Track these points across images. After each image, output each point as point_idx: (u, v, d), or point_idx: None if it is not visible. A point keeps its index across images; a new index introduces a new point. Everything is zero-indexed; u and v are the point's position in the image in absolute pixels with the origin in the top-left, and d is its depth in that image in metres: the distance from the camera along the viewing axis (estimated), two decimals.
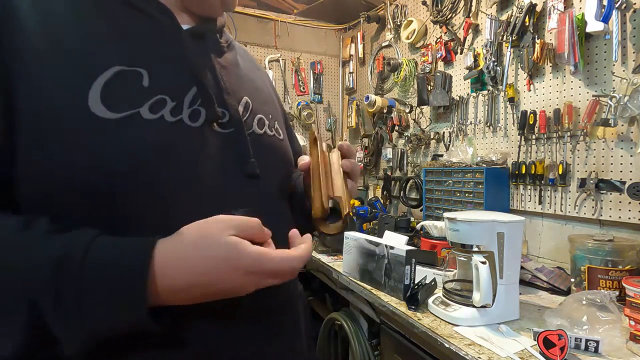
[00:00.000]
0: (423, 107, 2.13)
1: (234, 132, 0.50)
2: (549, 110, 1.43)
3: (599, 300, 0.87)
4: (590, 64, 1.31)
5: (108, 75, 0.40)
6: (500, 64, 1.64)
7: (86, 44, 0.41)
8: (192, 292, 0.38)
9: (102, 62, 0.41)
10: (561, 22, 1.33)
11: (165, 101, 0.44)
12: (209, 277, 0.37)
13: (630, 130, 1.20)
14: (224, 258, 0.37)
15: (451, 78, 1.94)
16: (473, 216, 0.97)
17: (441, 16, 1.95)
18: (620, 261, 1.03)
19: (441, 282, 1.09)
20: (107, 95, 0.40)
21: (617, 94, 1.20)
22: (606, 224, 1.28)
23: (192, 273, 0.37)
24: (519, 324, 0.93)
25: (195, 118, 0.46)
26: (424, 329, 0.92)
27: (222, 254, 0.37)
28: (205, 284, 0.38)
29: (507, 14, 1.61)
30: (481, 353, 0.79)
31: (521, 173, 1.53)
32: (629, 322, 0.81)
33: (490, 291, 0.90)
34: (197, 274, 0.37)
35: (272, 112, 0.61)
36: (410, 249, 1.13)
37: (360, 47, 2.77)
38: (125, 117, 0.40)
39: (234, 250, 0.37)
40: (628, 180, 1.20)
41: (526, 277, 1.24)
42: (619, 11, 1.19)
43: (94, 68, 0.40)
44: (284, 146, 0.61)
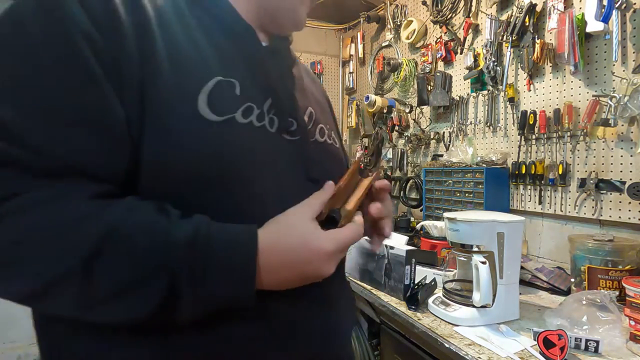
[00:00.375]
0: (423, 107, 2.13)
1: (300, 139, 0.56)
2: (549, 110, 1.43)
3: (599, 300, 0.87)
4: (590, 64, 1.31)
5: (212, 84, 0.47)
6: (500, 64, 1.64)
7: (195, 56, 0.48)
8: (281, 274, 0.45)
9: (208, 72, 0.48)
10: (561, 22, 1.33)
11: (253, 108, 0.50)
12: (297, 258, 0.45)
13: (630, 130, 1.20)
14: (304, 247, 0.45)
15: (451, 78, 1.94)
16: (473, 216, 0.97)
17: (441, 16, 1.95)
18: (620, 261, 1.03)
19: (441, 282, 1.09)
20: (211, 100, 0.46)
21: (617, 94, 1.20)
22: (606, 224, 1.28)
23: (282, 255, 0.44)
24: (519, 324, 0.93)
25: (272, 125, 0.52)
26: (424, 329, 0.92)
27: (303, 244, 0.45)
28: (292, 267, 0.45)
29: (507, 14, 1.61)
30: (481, 353, 0.79)
31: (521, 173, 1.53)
32: (629, 322, 0.81)
33: (490, 291, 0.90)
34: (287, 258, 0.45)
35: (329, 122, 0.67)
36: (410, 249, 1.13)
37: (360, 47, 2.77)
38: (225, 120, 0.47)
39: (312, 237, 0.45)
40: (628, 180, 1.20)
41: (526, 277, 1.24)
42: (619, 11, 1.19)
43: (202, 77, 0.47)
44: (339, 153, 0.67)
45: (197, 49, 0.49)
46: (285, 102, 0.55)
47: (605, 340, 0.80)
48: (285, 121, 0.54)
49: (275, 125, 0.53)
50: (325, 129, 0.63)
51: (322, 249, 0.45)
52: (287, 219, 0.47)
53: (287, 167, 0.53)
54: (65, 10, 0.41)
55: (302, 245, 0.45)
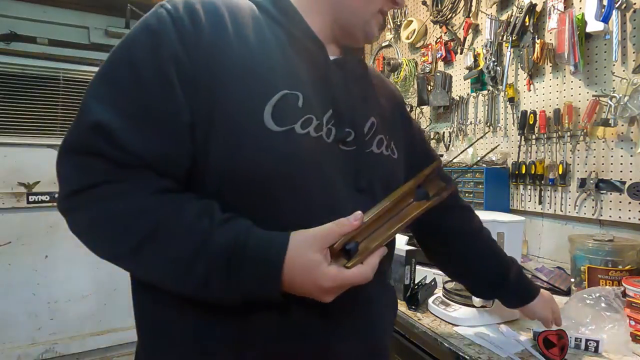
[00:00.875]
0: (423, 107, 2.13)
1: (355, 149, 0.58)
2: (549, 110, 1.43)
3: (604, 298, 0.86)
4: (590, 64, 1.31)
5: (277, 97, 0.51)
6: (500, 64, 1.64)
7: (267, 70, 0.53)
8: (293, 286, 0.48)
9: (276, 86, 0.52)
10: (561, 22, 1.33)
11: (312, 120, 0.53)
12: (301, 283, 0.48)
13: (630, 130, 1.20)
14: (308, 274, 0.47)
15: (451, 78, 1.95)
16: None
17: (441, 16, 1.95)
18: (620, 261, 1.03)
19: (441, 282, 1.09)
20: (275, 112, 0.51)
21: (617, 94, 1.20)
22: (606, 224, 1.28)
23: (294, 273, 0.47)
24: (519, 324, 0.93)
25: (329, 135, 0.56)
26: (424, 329, 0.92)
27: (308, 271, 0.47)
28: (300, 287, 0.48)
29: (507, 14, 1.61)
30: (481, 353, 0.79)
31: (521, 173, 1.53)
32: (629, 322, 0.81)
33: None
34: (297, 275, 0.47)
35: (392, 133, 0.68)
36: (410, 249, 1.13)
37: None
38: (286, 130, 0.51)
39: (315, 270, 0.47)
40: (628, 180, 1.20)
41: None
42: (619, 11, 1.20)
43: (270, 91, 0.51)
44: (395, 165, 0.68)
45: (269, 63, 0.53)
46: (345, 114, 0.58)
47: (611, 339, 0.79)
48: (343, 132, 0.57)
49: (332, 135, 0.56)
50: (385, 140, 0.64)
51: (319, 284, 0.47)
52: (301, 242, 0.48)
53: (339, 176, 0.56)
54: (161, 34, 0.50)
55: (306, 275, 0.47)
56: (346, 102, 0.58)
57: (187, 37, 0.50)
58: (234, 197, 0.51)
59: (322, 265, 0.47)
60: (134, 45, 0.51)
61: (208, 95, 0.50)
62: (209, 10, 0.52)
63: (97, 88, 0.51)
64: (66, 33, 2.53)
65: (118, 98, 0.49)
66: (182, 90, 0.49)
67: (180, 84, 0.49)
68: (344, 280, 0.48)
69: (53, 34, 2.48)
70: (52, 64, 2.49)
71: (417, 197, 0.56)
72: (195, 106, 0.50)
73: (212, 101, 0.49)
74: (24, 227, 2.41)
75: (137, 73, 0.49)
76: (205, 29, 0.51)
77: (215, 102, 0.49)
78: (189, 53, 0.50)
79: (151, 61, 0.49)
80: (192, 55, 0.50)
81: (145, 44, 0.50)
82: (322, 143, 0.54)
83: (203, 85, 0.50)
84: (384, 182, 0.63)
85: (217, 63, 0.50)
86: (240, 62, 0.51)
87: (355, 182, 0.57)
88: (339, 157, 0.56)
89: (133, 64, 0.50)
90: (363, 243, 0.51)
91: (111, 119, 0.48)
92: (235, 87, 0.50)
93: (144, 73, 0.49)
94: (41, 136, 2.44)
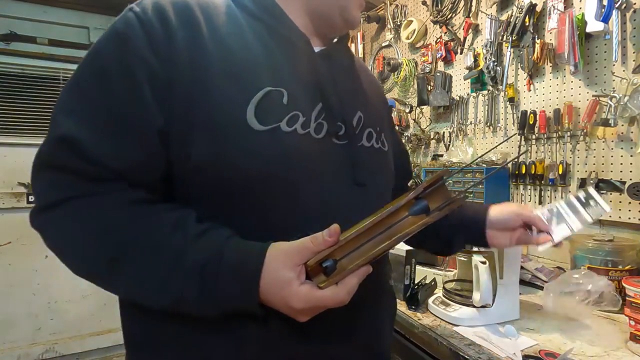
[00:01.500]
0: (423, 107, 2.13)
1: (348, 144, 0.56)
2: (549, 110, 1.43)
3: None
4: (590, 64, 1.31)
5: (260, 95, 0.49)
6: (500, 64, 1.64)
7: (248, 68, 0.51)
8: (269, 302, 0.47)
9: (258, 83, 0.50)
10: (561, 22, 1.33)
11: (298, 116, 0.51)
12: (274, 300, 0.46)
13: (630, 130, 1.20)
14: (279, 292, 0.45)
15: (451, 78, 1.94)
16: None
17: (441, 16, 1.95)
18: (620, 261, 1.03)
19: (441, 282, 1.09)
20: (258, 111, 0.49)
21: (617, 94, 1.20)
22: (606, 224, 1.28)
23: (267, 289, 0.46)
24: (519, 324, 0.93)
25: (319, 131, 0.54)
26: (424, 329, 0.92)
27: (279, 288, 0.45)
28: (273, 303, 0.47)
29: (507, 14, 1.61)
30: (481, 353, 0.79)
31: (521, 173, 1.53)
32: (629, 322, 0.81)
33: (490, 291, 0.90)
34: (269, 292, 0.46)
35: (380, 125, 0.66)
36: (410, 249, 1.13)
37: (360, 47, 2.77)
38: (270, 129, 0.49)
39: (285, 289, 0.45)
40: (628, 180, 1.20)
41: (526, 277, 1.24)
42: (619, 11, 1.19)
43: (252, 89, 0.49)
44: (387, 158, 0.67)
45: (250, 60, 0.51)
46: (335, 107, 0.56)
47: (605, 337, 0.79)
48: (334, 125, 0.55)
49: (323, 130, 0.54)
50: (374, 133, 0.63)
51: (289, 304, 0.45)
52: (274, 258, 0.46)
53: (334, 171, 0.54)
54: (129, 39, 0.48)
55: (277, 292, 0.46)
56: (335, 95, 0.56)
57: (157, 40, 0.48)
58: (219, 202, 0.49)
59: (293, 283, 0.45)
60: (101, 54, 0.49)
61: (185, 98, 0.48)
62: (180, 10, 0.50)
63: (65, 100, 0.49)
64: (66, 33, 2.53)
65: (86, 109, 0.48)
66: (152, 95, 0.47)
67: (151, 88, 0.47)
68: (315, 301, 0.45)
69: (53, 34, 2.48)
70: (52, 64, 2.50)
71: (414, 210, 0.48)
72: (171, 110, 0.48)
73: (189, 104, 0.48)
74: (24, 227, 2.39)
75: (105, 81, 0.48)
76: (177, 30, 0.49)
77: (194, 104, 0.48)
78: (159, 57, 0.48)
79: (118, 68, 0.48)
80: (163, 58, 0.48)
81: (112, 51, 0.49)
82: (311, 140, 0.52)
83: (178, 88, 0.48)
84: (379, 176, 0.62)
85: (193, 64, 0.48)
86: (218, 61, 0.49)
87: (353, 176, 0.56)
88: (333, 152, 0.55)
89: (100, 73, 0.48)
90: (344, 260, 0.46)
91: (78, 131, 0.46)
92: (214, 88, 0.48)
93: (112, 81, 0.48)
94: (41, 136, 2.44)
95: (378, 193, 0.61)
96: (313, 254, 0.45)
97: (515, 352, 0.78)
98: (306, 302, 0.45)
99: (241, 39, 0.52)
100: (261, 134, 0.48)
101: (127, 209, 0.48)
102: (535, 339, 0.85)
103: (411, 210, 0.49)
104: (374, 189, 0.59)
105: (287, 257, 0.46)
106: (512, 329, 0.87)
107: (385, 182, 0.65)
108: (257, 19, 0.54)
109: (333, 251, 0.45)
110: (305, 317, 0.47)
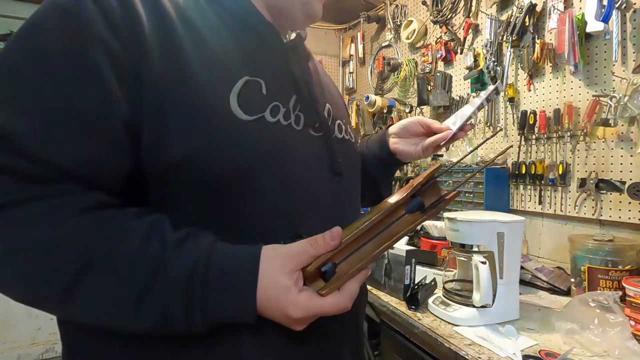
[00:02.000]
0: (423, 107, 2.13)
1: (323, 135, 0.56)
2: (549, 110, 1.43)
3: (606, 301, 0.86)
4: (590, 64, 1.31)
5: (240, 84, 0.47)
6: (500, 64, 1.64)
7: (223, 58, 0.48)
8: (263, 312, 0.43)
9: (236, 72, 0.47)
10: (561, 22, 1.32)
11: (279, 107, 0.50)
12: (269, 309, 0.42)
13: (630, 130, 1.20)
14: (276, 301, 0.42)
15: (451, 78, 1.94)
16: (473, 216, 0.97)
17: (441, 16, 1.95)
18: (620, 261, 1.03)
19: (441, 282, 1.09)
20: (241, 100, 0.46)
21: (617, 94, 1.20)
22: (606, 224, 1.28)
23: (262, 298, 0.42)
24: (519, 324, 0.93)
25: (298, 122, 0.52)
26: (424, 329, 0.92)
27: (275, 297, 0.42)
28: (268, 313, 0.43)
29: (507, 14, 1.61)
30: (481, 353, 0.79)
31: (521, 173, 1.53)
32: (629, 322, 0.81)
33: (490, 291, 0.90)
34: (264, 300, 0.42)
35: (344, 117, 0.67)
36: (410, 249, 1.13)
37: (360, 47, 2.77)
38: (256, 119, 0.47)
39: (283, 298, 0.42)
40: (628, 180, 1.20)
41: (526, 277, 1.24)
42: (619, 11, 1.19)
43: (231, 77, 0.47)
44: (355, 148, 0.68)
45: (223, 48, 0.48)
46: (308, 99, 0.55)
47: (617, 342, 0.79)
48: (312, 118, 0.55)
49: (301, 122, 0.53)
50: (343, 124, 0.64)
51: (287, 314, 0.42)
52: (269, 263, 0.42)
53: (314, 163, 0.54)
54: (81, 16, 0.40)
55: (273, 301, 0.42)
56: (307, 87, 0.56)
57: (116, 22, 0.41)
58: (200, 200, 0.44)
59: (291, 291, 0.41)
60: (41, 32, 0.40)
61: (156, 90, 0.42)
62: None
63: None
64: None
65: (22, 96, 0.39)
66: (115, 79, 0.40)
67: (113, 72, 0.40)
68: (316, 310, 0.42)
69: None
70: None
71: (410, 208, 0.48)
72: (138, 100, 0.41)
73: (162, 95, 0.42)
74: None
75: (48, 64, 0.39)
76: (143, 17, 0.43)
77: (167, 95, 0.42)
78: (120, 39, 0.41)
79: (68, 46, 0.40)
80: (124, 42, 0.41)
81: (56, 27, 0.40)
82: (294, 131, 0.51)
83: (147, 78, 0.42)
84: (353, 165, 0.63)
85: (165, 54, 0.43)
86: (191, 51, 0.45)
87: (331, 166, 0.56)
88: (312, 143, 0.54)
89: (41, 54, 0.39)
90: (343, 264, 0.44)
91: (13, 123, 0.37)
92: (191, 78, 0.44)
93: (57, 63, 0.39)
94: None
95: (352, 182, 0.63)
96: (312, 259, 0.42)
97: (515, 352, 0.78)
98: (306, 311, 0.42)
99: (212, 29, 0.49)
100: (248, 124, 0.46)
101: (85, 215, 0.39)
102: (535, 339, 0.85)
103: (407, 208, 0.48)
104: (349, 178, 0.60)
105: (284, 261, 0.42)
106: (512, 329, 0.87)
107: (356, 171, 0.66)
108: (224, 8, 0.51)
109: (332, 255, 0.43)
110: (303, 326, 0.44)
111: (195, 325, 0.41)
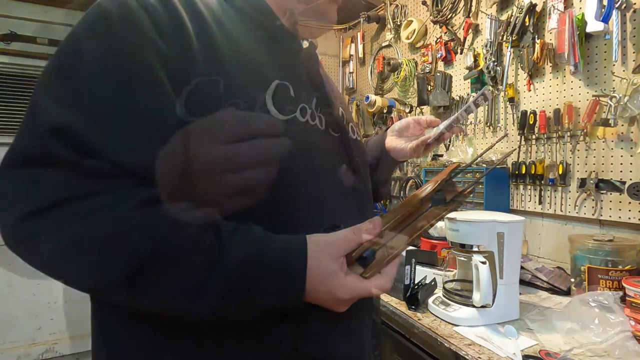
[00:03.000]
0: (423, 107, 2.13)
1: (341, 136, 0.59)
2: (549, 110, 1.43)
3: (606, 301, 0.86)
4: (590, 64, 1.31)
5: (274, 86, 0.50)
6: (500, 64, 1.64)
7: (256, 62, 0.51)
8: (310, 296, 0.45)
9: (269, 75, 0.51)
10: (561, 22, 1.32)
11: (306, 108, 0.53)
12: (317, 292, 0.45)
13: (630, 130, 1.20)
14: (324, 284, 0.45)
15: (451, 78, 1.94)
16: (473, 216, 0.97)
17: (441, 16, 1.95)
18: (620, 261, 1.03)
19: (441, 282, 1.09)
20: (275, 102, 0.49)
21: (617, 94, 1.20)
22: (606, 224, 1.28)
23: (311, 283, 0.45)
24: (519, 324, 0.93)
25: (321, 123, 0.56)
26: (424, 329, 0.92)
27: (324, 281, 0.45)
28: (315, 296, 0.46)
29: (507, 14, 1.61)
30: (481, 353, 0.79)
31: (521, 173, 1.53)
32: (629, 322, 0.81)
33: (490, 291, 0.90)
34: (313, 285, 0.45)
35: (352, 118, 0.70)
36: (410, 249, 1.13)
37: (360, 47, 2.77)
38: (290, 119, 0.50)
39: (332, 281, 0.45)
40: (628, 180, 1.20)
41: (526, 277, 1.24)
42: (619, 11, 1.19)
43: (266, 79, 0.50)
44: (364, 148, 0.72)
45: (255, 53, 0.52)
46: (327, 101, 0.59)
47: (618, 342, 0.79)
48: (332, 119, 0.58)
49: (323, 122, 0.57)
50: (353, 126, 0.67)
51: (335, 296, 0.45)
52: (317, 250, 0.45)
53: (338, 161, 0.58)
54: (131, 20, 0.43)
55: (322, 285, 0.45)
56: (324, 90, 0.59)
57: (163, 24, 0.44)
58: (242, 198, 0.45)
59: (339, 275, 0.45)
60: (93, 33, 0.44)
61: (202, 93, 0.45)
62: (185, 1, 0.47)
63: (51, 85, 0.43)
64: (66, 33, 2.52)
65: (83, 95, 0.41)
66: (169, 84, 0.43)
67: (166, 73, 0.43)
68: (362, 291, 0.46)
69: (53, 34, 2.48)
70: None
71: (434, 202, 0.54)
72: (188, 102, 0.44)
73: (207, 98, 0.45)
74: None
75: (106, 66, 0.42)
76: (186, 20, 0.46)
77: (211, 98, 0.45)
78: (168, 42, 0.44)
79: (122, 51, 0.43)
80: (172, 44, 0.44)
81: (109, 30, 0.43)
82: (320, 132, 0.55)
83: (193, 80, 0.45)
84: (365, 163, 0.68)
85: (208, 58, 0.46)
86: (230, 56, 0.48)
87: (349, 164, 0.59)
88: (333, 143, 0.58)
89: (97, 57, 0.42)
90: (380, 251, 0.48)
91: (76, 121, 0.40)
92: (230, 78, 0.46)
93: (114, 65, 0.42)
94: None
95: (366, 179, 0.67)
96: (357, 245, 0.46)
97: (515, 352, 0.78)
98: (352, 292, 0.46)
99: (242, 34, 0.52)
100: (285, 124, 0.49)
101: (143, 209, 0.41)
102: (535, 339, 0.85)
103: (432, 202, 0.54)
104: (363, 176, 0.64)
105: (332, 248, 0.46)
106: (512, 329, 0.87)
107: (366, 169, 0.70)
108: (246, 14, 0.54)
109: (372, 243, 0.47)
110: (346, 306, 0.48)
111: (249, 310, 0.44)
